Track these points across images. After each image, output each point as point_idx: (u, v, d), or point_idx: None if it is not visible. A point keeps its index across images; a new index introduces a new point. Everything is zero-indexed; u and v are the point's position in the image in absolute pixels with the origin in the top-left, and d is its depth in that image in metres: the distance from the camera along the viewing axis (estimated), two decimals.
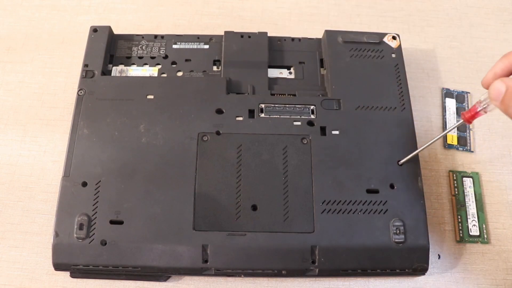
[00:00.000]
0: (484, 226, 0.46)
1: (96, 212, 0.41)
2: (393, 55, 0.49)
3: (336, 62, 0.49)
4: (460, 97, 0.53)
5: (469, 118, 0.37)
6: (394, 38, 0.50)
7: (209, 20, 0.57)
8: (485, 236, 0.46)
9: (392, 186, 0.43)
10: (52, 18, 0.57)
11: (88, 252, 0.40)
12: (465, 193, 0.48)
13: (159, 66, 0.49)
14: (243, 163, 0.43)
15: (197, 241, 0.40)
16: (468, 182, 0.48)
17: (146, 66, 0.49)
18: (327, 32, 0.51)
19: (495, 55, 0.56)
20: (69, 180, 0.42)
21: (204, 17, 0.58)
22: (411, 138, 0.45)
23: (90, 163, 0.43)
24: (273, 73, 0.50)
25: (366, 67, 0.49)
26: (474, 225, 0.46)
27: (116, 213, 0.41)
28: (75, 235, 0.40)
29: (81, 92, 0.46)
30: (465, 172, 0.49)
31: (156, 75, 0.49)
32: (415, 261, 0.41)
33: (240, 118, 0.45)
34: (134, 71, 0.49)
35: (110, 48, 0.50)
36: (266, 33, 0.51)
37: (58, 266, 0.41)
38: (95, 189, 0.42)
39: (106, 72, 0.48)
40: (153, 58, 0.50)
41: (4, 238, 0.45)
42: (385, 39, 0.50)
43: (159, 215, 0.41)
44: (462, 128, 0.51)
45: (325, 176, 0.43)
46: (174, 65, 0.50)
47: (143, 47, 0.50)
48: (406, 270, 0.41)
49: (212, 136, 0.44)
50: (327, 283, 0.43)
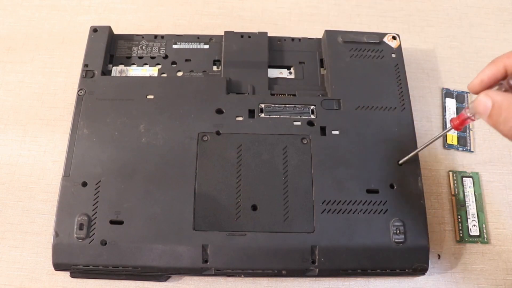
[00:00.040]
0: (484, 226, 0.46)
1: (96, 212, 0.41)
2: (393, 55, 0.49)
3: (336, 62, 0.49)
4: (460, 97, 0.53)
5: (457, 125, 0.36)
6: (394, 38, 0.50)
7: (209, 20, 0.57)
8: (485, 236, 0.46)
9: (392, 186, 0.43)
10: (52, 18, 0.57)
11: (88, 252, 0.40)
12: (465, 193, 0.48)
13: (159, 66, 0.49)
14: (243, 163, 0.43)
15: (197, 241, 0.40)
16: (468, 182, 0.48)
17: (146, 66, 0.49)
18: (327, 32, 0.51)
19: (495, 55, 0.55)
20: (69, 180, 0.42)
21: (204, 17, 0.58)
22: (411, 138, 0.45)
23: (90, 163, 0.43)
24: (273, 73, 0.50)
25: (366, 67, 0.48)
26: (474, 225, 0.46)
27: (116, 213, 0.41)
28: (75, 235, 0.40)
29: (81, 92, 0.46)
30: (465, 172, 0.49)
31: (156, 75, 0.49)
32: (415, 261, 0.41)
33: (240, 118, 0.45)
34: (134, 71, 0.49)
35: (110, 48, 0.50)
36: (266, 33, 0.51)
37: (58, 266, 0.41)
38: (95, 189, 0.42)
39: (106, 72, 0.48)
40: (153, 58, 0.50)
41: (4, 238, 0.45)
42: (385, 39, 0.50)
43: (159, 215, 0.41)
44: (462, 128, 0.51)
45: (325, 176, 0.43)
46: (174, 65, 0.49)
47: (143, 47, 0.50)
48: (406, 270, 0.41)
49: (212, 136, 0.44)
50: (327, 283, 0.43)
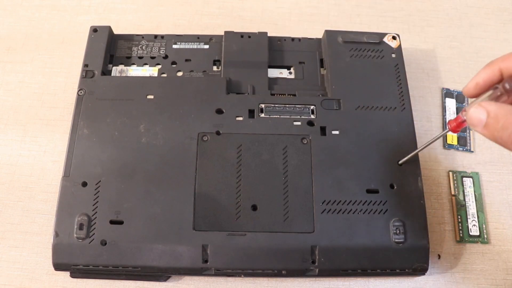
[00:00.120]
0: (484, 226, 0.46)
1: (96, 212, 0.41)
2: (393, 55, 0.49)
3: (336, 62, 0.49)
4: (460, 97, 0.53)
5: (454, 128, 0.36)
6: (394, 38, 0.50)
7: (209, 20, 0.57)
8: (485, 236, 0.46)
9: (392, 186, 0.43)
10: (52, 18, 0.57)
11: (88, 252, 0.40)
12: (465, 193, 0.48)
13: (159, 66, 0.49)
14: (243, 163, 0.43)
15: (197, 241, 0.40)
16: (468, 182, 0.48)
17: (146, 66, 0.49)
18: (327, 32, 0.50)
19: (495, 55, 0.55)
20: (69, 180, 0.42)
21: (204, 17, 0.58)
22: (411, 138, 0.45)
23: (90, 163, 0.43)
24: (273, 73, 0.50)
25: (366, 67, 0.48)
26: (474, 225, 0.46)
27: (116, 213, 0.41)
28: (75, 235, 0.40)
29: (81, 92, 0.46)
30: (465, 172, 0.49)
31: (156, 75, 0.49)
32: (415, 261, 0.41)
33: (240, 118, 0.45)
34: (134, 71, 0.49)
35: (110, 48, 0.50)
36: (266, 33, 0.51)
37: (58, 266, 0.41)
38: (95, 189, 0.42)
39: (106, 72, 0.48)
40: (153, 58, 0.50)
41: (4, 238, 0.45)
42: (385, 39, 0.50)
43: (159, 215, 0.41)
44: (462, 128, 0.51)
45: (325, 176, 0.43)
46: (174, 65, 0.49)
47: (143, 47, 0.50)
48: (406, 270, 0.41)
49: (212, 136, 0.44)
50: (327, 283, 0.43)
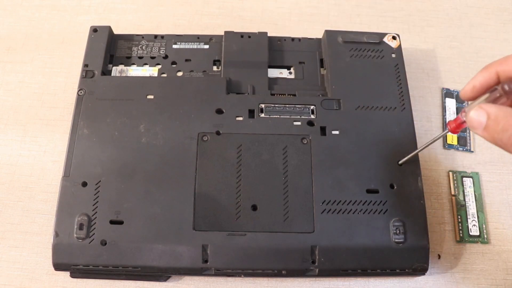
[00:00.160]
0: (484, 226, 0.46)
1: (96, 212, 0.41)
2: (393, 55, 0.49)
3: (336, 62, 0.49)
4: (460, 97, 0.53)
5: (454, 129, 0.36)
6: (394, 38, 0.50)
7: (209, 20, 0.57)
8: (485, 236, 0.46)
9: (392, 186, 0.43)
10: (52, 18, 0.57)
11: (88, 252, 0.40)
12: (465, 193, 0.48)
13: (159, 66, 0.49)
14: (243, 163, 0.43)
15: (197, 241, 0.40)
16: (468, 182, 0.48)
17: (146, 66, 0.49)
18: (327, 32, 0.50)
19: (495, 55, 0.56)
20: (69, 180, 0.42)
21: (204, 17, 0.58)
22: (411, 138, 0.45)
23: (90, 163, 0.43)
24: (273, 73, 0.50)
25: (366, 67, 0.48)
26: (474, 225, 0.46)
27: (116, 213, 0.41)
28: (75, 235, 0.40)
29: (81, 92, 0.46)
30: (465, 172, 0.49)
31: (156, 75, 0.49)
32: (415, 261, 0.41)
33: (240, 118, 0.45)
34: (134, 71, 0.49)
35: (110, 48, 0.50)
36: (266, 33, 0.51)
37: (58, 266, 0.41)
38: (95, 189, 0.42)
39: (106, 72, 0.48)
40: (153, 58, 0.50)
41: (4, 238, 0.45)
42: (385, 39, 0.50)
43: (159, 215, 0.41)
44: (459, 131, 0.51)
45: (325, 176, 0.43)
46: (174, 65, 0.49)
47: (143, 47, 0.50)
48: (406, 270, 0.41)
49: (212, 136, 0.44)
50: (327, 283, 0.43)
